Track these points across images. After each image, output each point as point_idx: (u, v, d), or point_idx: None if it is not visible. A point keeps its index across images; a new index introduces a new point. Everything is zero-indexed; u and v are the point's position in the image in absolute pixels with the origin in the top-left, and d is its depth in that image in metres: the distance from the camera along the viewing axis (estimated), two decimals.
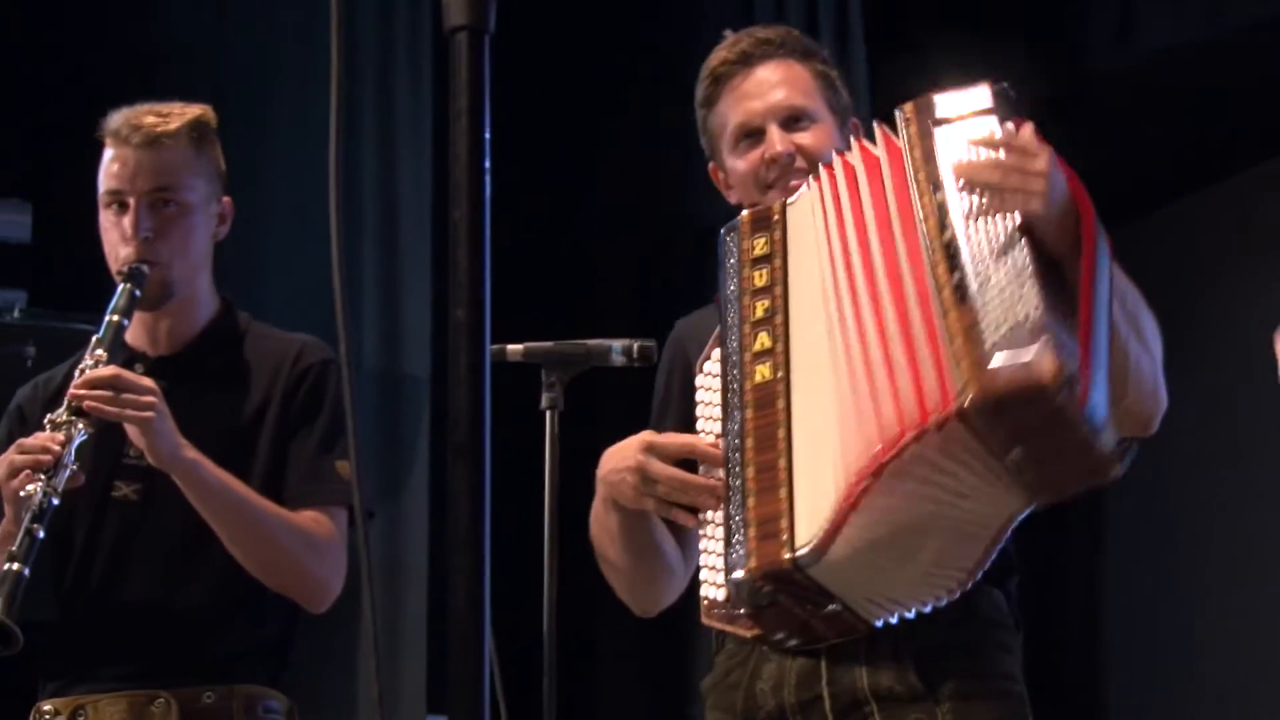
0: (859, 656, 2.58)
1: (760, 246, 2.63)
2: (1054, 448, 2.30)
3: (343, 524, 3.13)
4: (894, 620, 2.49)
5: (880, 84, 5.66)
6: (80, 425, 2.92)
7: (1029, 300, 2.27)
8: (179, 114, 3.15)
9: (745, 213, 2.69)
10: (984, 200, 2.39)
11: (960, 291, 2.32)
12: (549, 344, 3.27)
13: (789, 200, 2.66)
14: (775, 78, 2.82)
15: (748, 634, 2.57)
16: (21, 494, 2.86)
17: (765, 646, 2.63)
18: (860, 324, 2.43)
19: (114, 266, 3.11)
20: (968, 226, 2.38)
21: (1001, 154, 2.39)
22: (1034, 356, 2.21)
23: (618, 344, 3.27)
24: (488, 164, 1.51)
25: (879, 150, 2.55)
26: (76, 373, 3.00)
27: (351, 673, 4.97)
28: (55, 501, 2.86)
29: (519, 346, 3.25)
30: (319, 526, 3.08)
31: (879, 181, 2.53)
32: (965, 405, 2.24)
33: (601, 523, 2.78)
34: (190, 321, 3.19)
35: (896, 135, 2.53)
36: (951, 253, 2.36)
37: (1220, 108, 5.81)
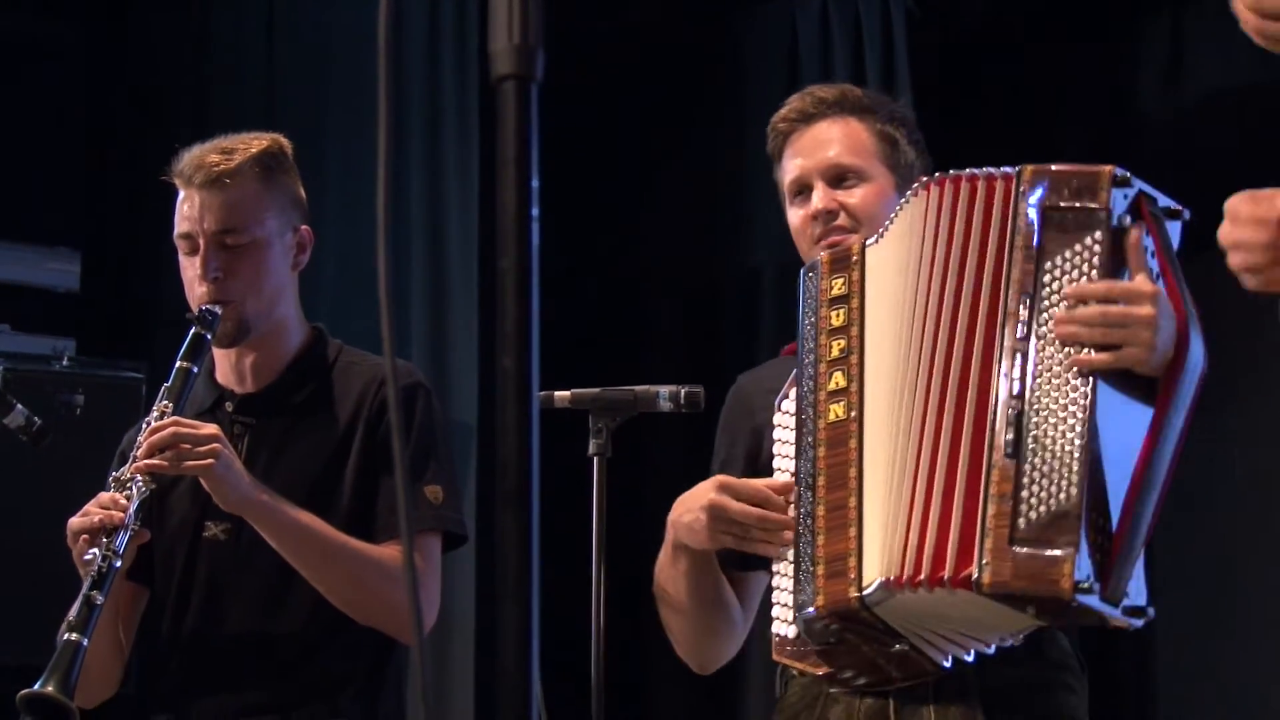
0: (927, 697, 2.60)
1: (838, 286, 2.64)
2: (1064, 618, 2.43)
3: (434, 551, 3.12)
4: (965, 657, 2.52)
5: (928, 138, 5.66)
6: (141, 482, 2.93)
7: (1072, 484, 2.30)
8: (244, 149, 3.12)
9: (825, 253, 2.70)
10: (1072, 340, 2.37)
11: (1009, 450, 2.35)
12: (596, 390, 3.26)
13: (869, 240, 2.66)
14: (828, 136, 2.86)
15: (818, 671, 2.59)
16: (86, 558, 2.88)
17: (833, 688, 2.66)
18: (926, 406, 2.46)
19: (193, 307, 3.11)
20: (1042, 365, 2.37)
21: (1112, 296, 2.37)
22: (1053, 565, 2.29)
23: (665, 390, 3.26)
24: (535, 212, 1.50)
25: (979, 209, 2.52)
26: (143, 425, 3.01)
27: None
28: (117, 565, 2.86)
29: (566, 393, 3.25)
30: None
31: (969, 250, 2.50)
32: (978, 583, 2.34)
33: (668, 571, 2.81)
34: (276, 355, 3.18)
35: (999, 197, 2.50)
36: (1017, 394, 2.37)
37: (1271, 150, 5.78)
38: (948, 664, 2.53)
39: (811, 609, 2.48)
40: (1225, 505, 6.02)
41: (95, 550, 2.86)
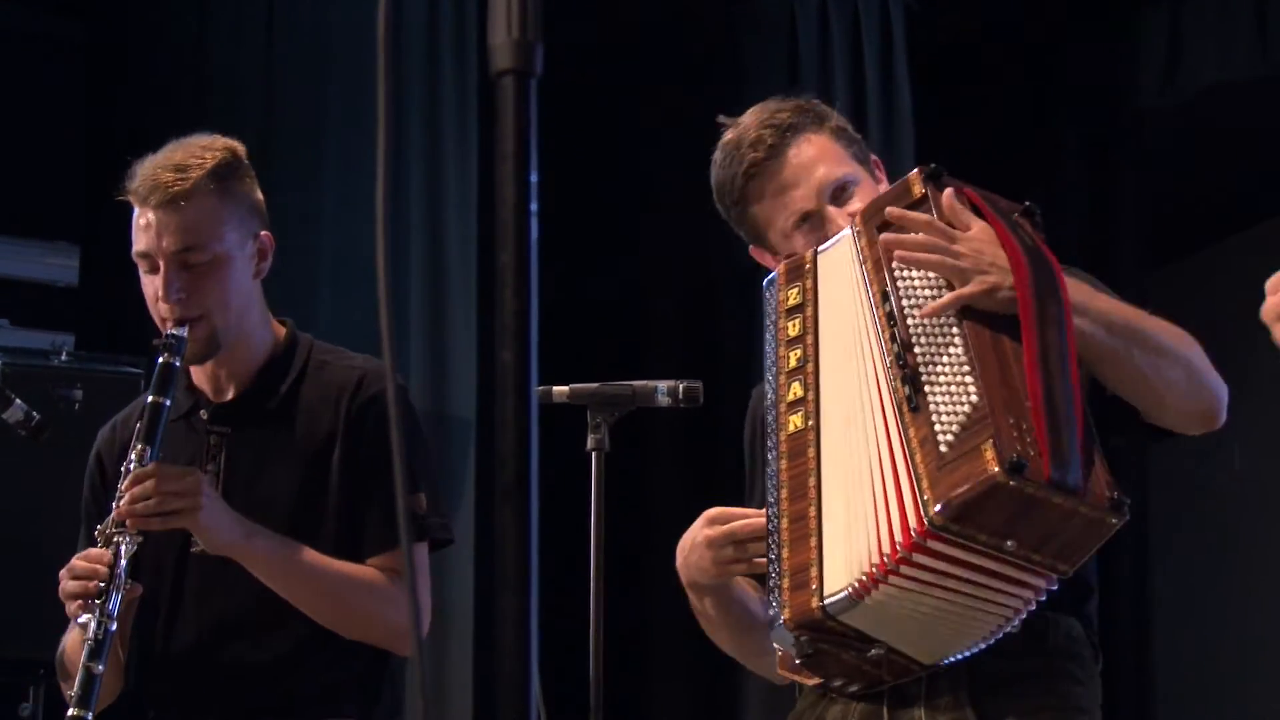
0: (919, 698, 2.58)
1: (794, 297, 2.68)
2: (1041, 528, 2.34)
3: (422, 560, 3.11)
4: (946, 661, 2.48)
5: (927, 135, 5.66)
6: (129, 537, 2.92)
7: (970, 395, 2.37)
8: (198, 163, 3.05)
9: (781, 264, 2.73)
10: (921, 296, 2.48)
11: (912, 403, 2.41)
12: (594, 385, 3.26)
13: (820, 248, 2.69)
14: (808, 158, 2.84)
15: (810, 683, 2.59)
16: (80, 621, 2.88)
17: (833, 693, 2.64)
18: (866, 397, 2.51)
19: (156, 320, 3.08)
20: (913, 330, 2.47)
21: (929, 246, 2.48)
22: (977, 457, 2.30)
23: (663, 385, 3.26)
24: (534, 207, 1.50)
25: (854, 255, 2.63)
26: (123, 470, 2.99)
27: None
28: (113, 629, 2.85)
29: (564, 388, 3.24)
30: (392, 573, 3.06)
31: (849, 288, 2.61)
32: (932, 524, 2.32)
33: (698, 610, 2.80)
34: (246, 363, 3.15)
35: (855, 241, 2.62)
36: (902, 364, 2.45)
37: (1269, 145, 5.79)
38: (939, 663, 2.50)
39: (779, 622, 2.48)
40: (1225, 500, 6.03)
41: (89, 616, 2.85)
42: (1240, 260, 6.19)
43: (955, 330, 2.44)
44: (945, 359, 2.42)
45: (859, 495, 2.44)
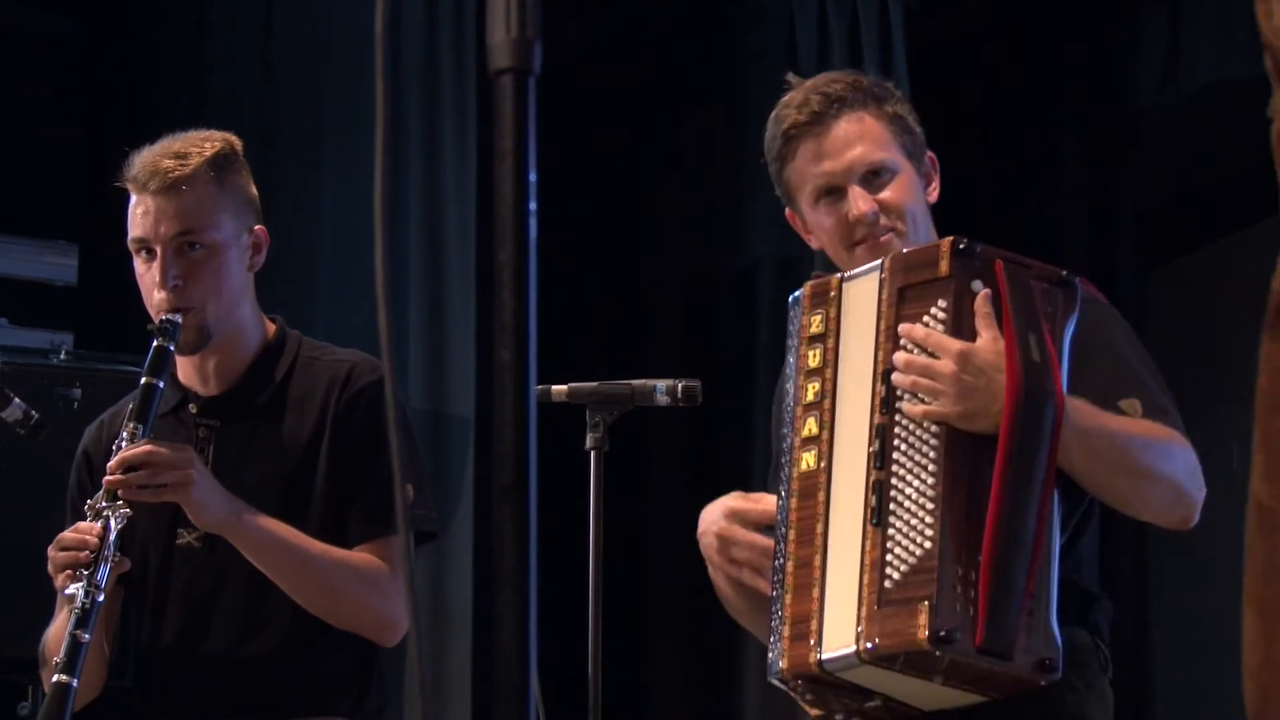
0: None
1: (816, 324, 2.62)
2: (962, 678, 2.41)
3: (410, 551, 3.12)
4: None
5: (926, 135, 5.65)
6: (119, 511, 2.92)
7: (926, 539, 2.38)
8: (197, 152, 3.08)
9: (807, 285, 2.68)
10: (910, 400, 2.46)
11: (875, 517, 2.43)
12: (593, 384, 3.27)
13: (848, 275, 2.65)
14: (850, 134, 2.79)
15: (811, 712, 2.60)
16: (67, 592, 2.88)
17: None
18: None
19: (151, 312, 3.09)
20: (899, 431, 2.47)
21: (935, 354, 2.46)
22: (911, 618, 2.34)
23: (662, 384, 3.26)
24: (533, 205, 1.50)
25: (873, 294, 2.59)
26: (113, 449, 3.00)
27: (397, 714, 4.96)
28: (100, 599, 2.86)
29: (563, 387, 3.25)
30: (382, 562, 3.07)
31: (865, 330, 2.58)
32: (859, 655, 2.38)
33: (713, 581, 2.80)
34: (237, 356, 3.16)
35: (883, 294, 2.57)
36: (879, 465, 2.46)
37: (1268, 144, 5.78)
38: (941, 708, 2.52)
39: (778, 669, 2.49)
40: (1224, 498, 6.01)
41: (78, 585, 2.86)
42: (1240, 260, 6.19)
43: (934, 450, 2.43)
44: (916, 482, 2.42)
45: (853, 562, 2.46)
